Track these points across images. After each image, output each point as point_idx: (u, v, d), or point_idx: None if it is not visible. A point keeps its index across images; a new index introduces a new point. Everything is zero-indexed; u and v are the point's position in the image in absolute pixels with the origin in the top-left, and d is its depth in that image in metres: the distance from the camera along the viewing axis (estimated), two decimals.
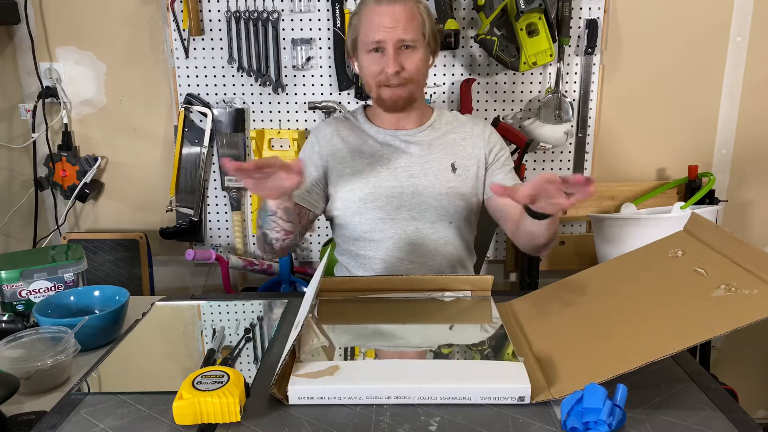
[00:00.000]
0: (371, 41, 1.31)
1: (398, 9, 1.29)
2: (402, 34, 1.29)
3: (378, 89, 1.35)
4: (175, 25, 1.86)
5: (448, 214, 1.39)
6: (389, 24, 1.29)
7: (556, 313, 1.05)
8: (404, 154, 1.40)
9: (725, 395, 0.86)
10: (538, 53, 1.77)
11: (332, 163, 1.41)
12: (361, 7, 1.35)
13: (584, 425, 0.76)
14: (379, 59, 1.32)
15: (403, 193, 1.37)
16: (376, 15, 1.30)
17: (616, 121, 1.97)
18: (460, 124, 1.45)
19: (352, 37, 1.37)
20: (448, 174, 1.39)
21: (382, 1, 1.31)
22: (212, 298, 1.28)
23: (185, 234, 2.00)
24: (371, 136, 1.42)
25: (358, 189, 1.38)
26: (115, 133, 2.00)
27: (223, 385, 0.80)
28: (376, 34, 1.30)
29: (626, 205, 1.93)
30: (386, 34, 1.29)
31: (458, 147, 1.41)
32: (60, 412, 0.84)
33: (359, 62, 1.37)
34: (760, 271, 0.85)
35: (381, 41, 1.30)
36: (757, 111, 1.96)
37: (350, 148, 1.41)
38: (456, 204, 1.39)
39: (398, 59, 1.30)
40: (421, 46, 1.33)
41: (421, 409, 0.82)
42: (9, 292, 1.29)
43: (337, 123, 1.46)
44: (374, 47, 1.31)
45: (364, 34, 1.32)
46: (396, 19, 1.29)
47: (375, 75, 1.33)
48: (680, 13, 1.89)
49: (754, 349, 2.13)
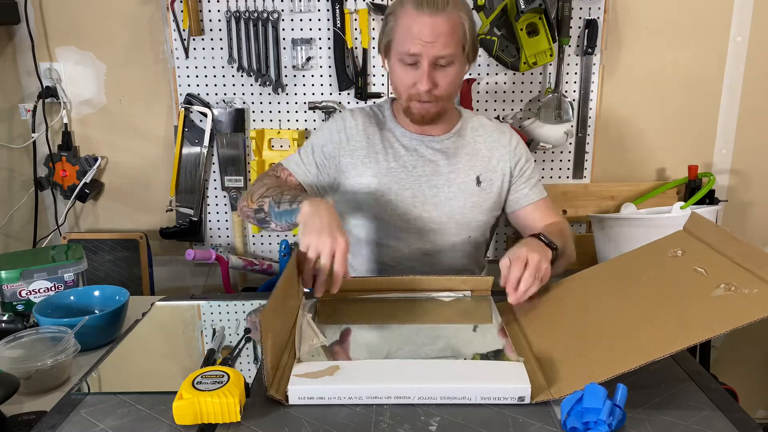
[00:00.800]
0: (406, 53, 1.22)
1: (440, 21, 1.19)
2: (440, 50, 1.21)
3: (408, 101, 1.29)
4: (175, 25, 1.86)
5: (469, 229, 1.36)
6: (428, 38, 1.19)
7: (556, 313, 1.05)
8: (429, 162, 1.35)
9: (725, 395, 0.86)
10: (538, 53, 1.77)
11: (351, 158, 1.36)
12: (398, 7, 1.25)
13: (584, 425, 0.76)
14: (412, 72, 1.24)
15: (426, 203, 1.34)
16: (415, 24, 1.20)
17: (616, 121, 1.97)
18: (487, 132, 1.39)
19: (386, 40, 1.28)
20: (472, 187, 1.35)
21: (423, 6, 1.20)
22: (212, 298, 1.28)
23: (185, 234, 2.00)
24: (397, 138, 1.37)
25: (379, 194, 1.33)
26: (115, 133, 2.00)
27: (223, 385, 0.80)
28: (413, 46, 1.21)
29: (626, 205, 1.93)
30: (423, 48, 1.20)
31: (484, 159, 1.37)
32: (60, 412, 0.84)
33: (390, 66, 1.30)
34: (759, 270, 0.85)
35: (417, 55, 1.21)
36: (757, 111, 1.96)
37: (374, 148, 1.36)
38: (478, 219, 1.36)
39: (432, 76, 1.23)
40: (458, 60, 1.25)
41: (421, 409, 0.82)
42: (9, 292, 1.28)
43: (364, 117, 1.39)
44: (409, 61, 1.23)
45: (400, 42, 1.23)
46: (436, 33, 1.19)
47: (407, 87, 1.26)
48: (680, 13, 1.89)
49: (754, 349, 2.13)
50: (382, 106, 1.43)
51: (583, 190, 1.99)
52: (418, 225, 1.35)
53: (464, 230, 1.36)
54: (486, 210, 1.37)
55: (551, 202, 1.43)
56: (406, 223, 1.34)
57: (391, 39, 1.26)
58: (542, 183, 1.44)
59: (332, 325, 1.06)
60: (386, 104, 1.43)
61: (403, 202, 1.34)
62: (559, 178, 2.00)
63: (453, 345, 1.00)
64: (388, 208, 1.34)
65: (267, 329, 0.83)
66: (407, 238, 1.36)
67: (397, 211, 1.34)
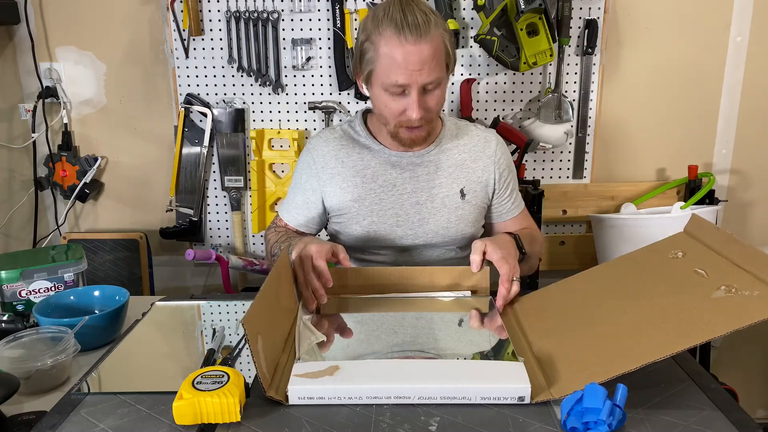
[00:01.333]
0: (393, 84, 1.17)
1: (425, 49, 1.14)
2: (428, 77, 1.16)
3: (397, 128, 1.24)
4: (175, 25, 1.86)
5: (455, 242, 1.36)
6: (416, 66, 1.15)
7: (556, 313, 1.05)
8: (410, 179, 1.32)
9: (725, 395, 0.86)
10: (538, 53, 1.77)
11: (330, 187, 1.34)
12: (376, 35, 1.17)
13: (584, 425, 0.76)
14: (400, 101, 1.20)
15: (409, 221, 1.32)
16: (399, 53, 1.14)
17: (616, 121, 1.97)
18: (471, 140, 1.36)
19: (367, 69, 1.21)
20: (456, 200, 1.32)
21: (405, 32, 1.14)
22: (212, 298, 1.28)
23: (185, 234, 2.00)
24: (375, 155, 1.33)
25: (361, 217, 1.32)
26: (115, 133, 2.00)
27: (223, 385, 0.80)
28: (399, 77, 1.16)
29: (626, 205, 1.93)
30: (411, 77, 1.16)
31: (468, 170, 1.33)
32: (60, 412, 0.84)
33: (373, 93, 1.24)
34: (760, 272, 0.85)
35: (405, 85, 1.17)
36: (757, 111, 1.96)
37: (351, 171, 1.32)
38: (464, 232, 1.35)
39: (422, 103, 1.19)
40: (444, 79, 1.22)
41: (421, 409, 0.82)
42: (9, 292, 1.28)
43: (334, 140, 1.35)
44: (397, 92, 1.19)
45: (384, 73, 1.17)
46: (423, 61, 1.14)
47: (395, 115, 1.22)
48: (680, 13, 1.89)
49: (754, 349, 2.13)
50: (353, 122, 1.38)
51: (583, 190, 1.99)
52: (403, 243, 1.34)
53: (450, 244, 1.36)
54: (471, 222, 1.35)
55: (526, 209, 1.45)
56: (392, 241, 1.34)
57: (373, 69, 1.20)
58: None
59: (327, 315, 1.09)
60: (357, 119, 1.37)
61: (386, 223, 1.32)
62: (559, 178, 2.00)
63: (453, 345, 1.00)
64: (371, 230, 1.33)
65: (253, 332, 0.83)
66: (392, 255, 1.36)
67: (381, 232, 1.33)
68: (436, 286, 1.18)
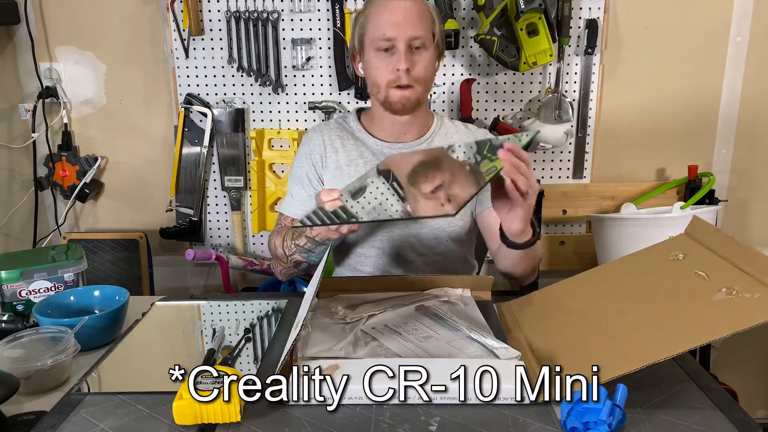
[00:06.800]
0: (381, 38, 1.25)
1: (409, 5, 1.25)
2: (413, 30, 1.24)
3: (387, 90, 1.28)
4: (175, 25, 1.86)
5: (447, 234, 1.36)
6: (401, 18, 1.24)
7: (556, 313, 1.05)
8: None
9: (725, 395, 0.86)
10: (538, 53, 1.77)
11: (328, 175, 1.37)
12: (368, 4, 1.31)
13: (584, 425, 0.76)
14: (388, 59, 1.26)
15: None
16: (387, 11, 1.26)
17: (616, 121, 1.97)
18: (461, 138, 1.39)
19: (359, 34, 1.31)
20: None
21: None
22: (212, 298, 1.28)
23: (185, 234, 2.00)
24: (368, 147, 1.37)
25: None
26: (115, 133, 2.00)
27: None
28: (387, 30, 1.24)
29: (626, 205, 1.93)
30: (397, 29, 1.24)
31: None
32: (60, 412, 0.84)
33: (366, 62, 1.31)
34: (761, 274, 0.84)
35: (392, 38, 1.24)
36: (756, 111, 1.96)
37: (344, 161, 1.36)
38: (453, 224, 1.35)
39: (409, 57, 1.25)
40: (430, 45, 1.28)
41: (421, 409, 0.82)
42: (9, 292, 1.28)
43: (329, 132, 1.40)
44: (385, 46, 1.26)
45: (373, 30, 1.27)
46: (408, 15, 1.25)
47: (385, 74, 1.27)
48: (680, 13, 1.89)
49: (754, 349, 2.13)
50: (347, 118, 1.43)
51: (583, 190, 1.99)
52: (394, 237, 1.35)
53: (442, 235, 1.36)
54: (462, 214, 1.34)
55: None
56: (385, 233, 1.35)
57: (364, 31, 1.29)
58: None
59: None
60: (352, 116, 1.42)
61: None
62: (559, 178, 2.00)
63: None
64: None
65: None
66: (387, 248, 1.36)
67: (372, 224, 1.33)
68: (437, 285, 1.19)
